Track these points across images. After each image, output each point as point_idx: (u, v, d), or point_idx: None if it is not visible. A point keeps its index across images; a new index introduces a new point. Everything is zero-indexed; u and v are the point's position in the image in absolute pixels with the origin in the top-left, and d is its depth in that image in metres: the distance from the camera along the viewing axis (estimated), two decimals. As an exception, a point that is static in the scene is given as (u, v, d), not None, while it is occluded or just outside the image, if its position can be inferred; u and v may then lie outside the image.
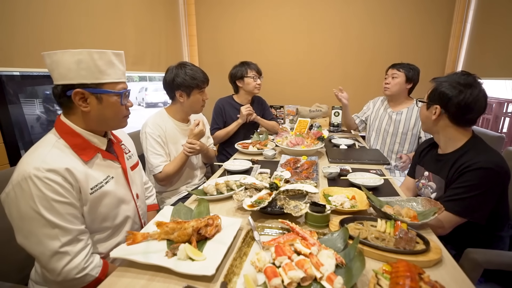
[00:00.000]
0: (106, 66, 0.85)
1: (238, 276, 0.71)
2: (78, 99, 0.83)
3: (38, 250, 0.77)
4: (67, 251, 0.78)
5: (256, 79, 2.17)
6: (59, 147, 0.83)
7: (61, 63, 0.81)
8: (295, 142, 1.78)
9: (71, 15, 1.68)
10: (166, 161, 1.52)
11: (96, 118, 0.88)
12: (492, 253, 0.97)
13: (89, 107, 0.85)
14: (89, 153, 0.88)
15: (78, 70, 0.82)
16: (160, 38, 2.68)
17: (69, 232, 0.79)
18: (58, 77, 0.83)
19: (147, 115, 1.64)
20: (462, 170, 1.05)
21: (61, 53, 0.80)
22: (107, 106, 0.88)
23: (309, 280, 0.67)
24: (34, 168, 0.74)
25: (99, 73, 0.84)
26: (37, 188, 0.74)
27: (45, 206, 0.75)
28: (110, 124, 0.94)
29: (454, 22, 2.63)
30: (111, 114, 0.90)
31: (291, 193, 1.09)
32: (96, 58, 0.83)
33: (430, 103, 1.16)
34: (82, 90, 0.83)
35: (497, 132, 3.31)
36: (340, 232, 0.83)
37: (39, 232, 0.76)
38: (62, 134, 0.85)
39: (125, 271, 0.75)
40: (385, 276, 0.66)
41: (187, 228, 0.83)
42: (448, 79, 1.12)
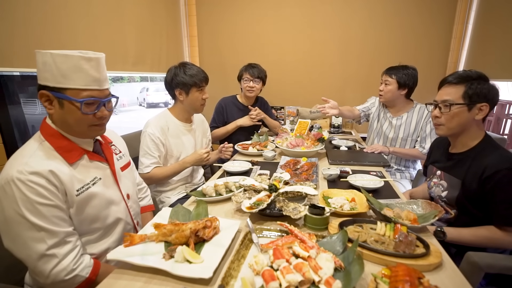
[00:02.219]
0: (71, 71, 0.80)
1: (235, 279, 0.71)
2: (44, 100, 0.82)
3: (24, 253, 0.77)
4: (54, 254, 0.77)
5: (249, 81, 2.15)
6: (43, 150, 0.82)
7: (37, 63, 0.81)
8: (295, 143, 1.78)
9: (71, 15, 1.68)
10: (156, 163, 1.50)
11: (59, 122, 0.86)
12: (494, 257, 0.96)
13: (53, 110, 0.84)
14: (74, 155, 0.87)
15: (43, 71, 0.80)
16: (161, 38, 2.68)
17: (56, 235, 0.78)
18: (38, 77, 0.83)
19: (148, 116, 1.65)
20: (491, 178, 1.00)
21: (38, 54, 0.80)
22: (67, 112, 0.83)
23: (307, 283, 0.66)
24: (17, 171, 0.74)
25: (61, 77, 0.79)
26: (20, 192, 0.73)
27: (29, 209, 0.74)
28: (76, 131, 0.88)
29: (456, 23, 2.62)
30: (72, 121, 0.84)
31: (290, 195, 1.08)
32: (58, 61, 0.78)
33: (472, 104, 1.07)
34: (47, 92, 0.81)
35: (499, 134, 3.30)
36: (339, 235, 0.83)
37: (25, 236, 0.75)
38: (46, 137, 0.84)
39: (122, 273, 0.74)
40: (384, 280, 0.65)
41: (185, 230, 0.83)
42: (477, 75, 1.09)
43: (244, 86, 2.17)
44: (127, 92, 12.70)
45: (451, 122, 1.12)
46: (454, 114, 1.10)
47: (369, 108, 2.22)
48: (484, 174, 1.02)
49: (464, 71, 1.12)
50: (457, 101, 1.09)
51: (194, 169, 1.73)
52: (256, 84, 2.16)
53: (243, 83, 2.18)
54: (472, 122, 1.10)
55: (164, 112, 1.64)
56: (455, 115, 1.10)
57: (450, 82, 1.13)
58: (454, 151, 1.20)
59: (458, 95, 1.09)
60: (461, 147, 1.16)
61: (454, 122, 1.11)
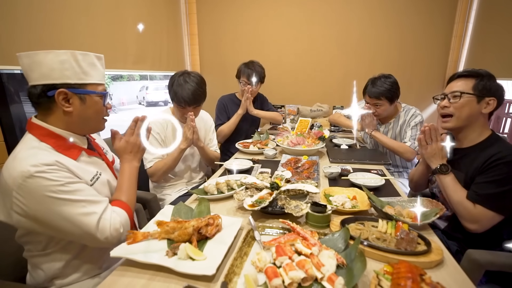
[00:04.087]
0: (89, 68, 0.87)
1: (238, 276, 0.71)
2: (61, 99, 0.83)
3: (81, 231, 0.80)
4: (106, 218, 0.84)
5: (245, 85, 2.14)
6: (43, 149, 0.82)
7: (43, 63, 0.80)
8: (296, 141, 1.78)
9: (72, 13, 1.68)
10: (159, 158, 1.52)
11: (77, 119, 0.88)
12: (494, 254, 0.96)
13: (72, 108, 0.85)
14: (74, 152, 0.88)
15: (62, 70, 0.82)
16: (161, 37, 2.68)
17: (99, 203, 0.84)
18: (38, 77, 0.81)
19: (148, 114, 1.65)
20: (492, 163, 1.03)
21: (44, 53, 0.80)
22: (90, 106, 0.88)
23: (310, 280, 0.66)
24: (31, 165, 0.74)
25: (82, 73, 0.85)
26: (47, 179, 0.75)
27: (63, 190, 0.77)
28: (91, 125, 0.94)
29: (456, 22, 2.62)
30: (93, 114, 0.91)
31: (292, 193, 1.08)
32: (80, 59, 0.84)
33: (481, 96, 1.09)
34: (66, 90, 0.82)
35: (499, 132, 3.31)
36: (341, 232, 0.83)
37: (74, 215, 0.78)
38: (41, 137, 0.83)
39: (126, 270, 0.74)
40: (386, 277, 0.65)
41: (188, 227, 0.83)
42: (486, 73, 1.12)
43: (242, 88, 2.17)
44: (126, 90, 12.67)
45: (461, 112, 1.12)
46: (464, 103, 1.12)
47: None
48: (488, 161, 1.04)
49: (474, 69, 1.15)
50: (468, 91, 1.11)
51: (195, 166, 1.73)
52: (253, 87, 2.15)
53: (240, 84, 2.18)
54: (479, 115, 1.12)
55: (165, 110, 1.65)
56: (465, 104, 1.11)
57: (460, 76, 1.16)
58: (459, 146, 1.21)
59: (469, 87, 1.11)
60: (468, 142, 1.17)
61: (464, 113, 1.12)
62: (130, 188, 1.00)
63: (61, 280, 0.89)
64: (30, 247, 0.88)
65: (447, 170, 1.12)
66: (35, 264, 0.89)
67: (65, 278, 0.90)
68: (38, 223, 0.78)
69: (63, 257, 0.88)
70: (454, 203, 1.09)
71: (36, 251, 0.87)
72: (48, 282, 0.89)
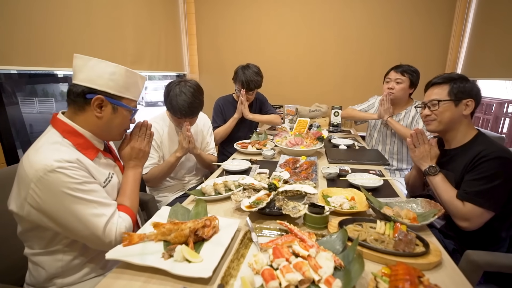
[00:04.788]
0: (131, 85, 0.95)
1: (235, 278, 0.70)
2: (96, 104, 0.89)
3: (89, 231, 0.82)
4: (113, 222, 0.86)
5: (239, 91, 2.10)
6: (65, 145, 0.85)
7: (94, 69, 0.88)
8: (294, 142, 1.77)
9: (70, 13, 1.67)
10: (155, 163, 1.51)
11: (104, 125, 0.93)
12: (493, 255, 0.96)
13: (102, 114, 0.91)
14: (92, 152, 0.92)
15: (108, 80, 0.89)
16: (160, 36, 2.67)
17: (109, 206, 0.87)
18: (84, 78, 0.87)
19: (147, 114, 1.64)
20: (478, 160, 1.06)
21: (97, 61, 0.88)
22: (118, 117, 0.95)
23: (307, 283, 0.66)
24: (54, 160, 0.77)
25: (124, 88, 0.93)
26: (67, 176, 0.78)
27: (80, 189, 0.80)
28: (112, 133, 0.98)
29: (455, 22, 2.62)
30: (119, 125, 0.97)
31: (290, 194, 1.08)
32: (128, 75, 0.93)
33: (458, 100, 1.14)
34: (103, 98, 0.89)
35: (497, 132, 3.31)
36: (339, 233, 0.83)
37: (85, 214, 0.81)
38: (64, 134, 0.87)
39: (121, 272, 0.74)
40: (384, 279, 0.65)
41: (184, 229, 0.82)
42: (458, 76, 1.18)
43: (235, 96, 2.16)
44: (125, 90, 12.63)
45: (442, 116, 1.18)
46: (443, 110, 1.17)
47: (368, 109, 2.23)
48: (474, 159, 1.07)
49: (447, 74, 1.21)
50: (444, 98, 1.17)
51: (192, 167, 1.72)
52: (248, 95, 2.12)
53: (236, 89, 2.16)
54: (462, 118, 1.16)
55: (161, 115, 1.63)
56: (444, 110, 1.17)
57: (434, 84, 1.22)
58: (448, 147, 1.24)
59: (444, 93, 1.17)
60: (455, 143, 1.20)
61: (445, 117, 1.17)
62: (133, 193, 1.02)
63: (62, 280, 0.89)
64: (31, 243, 0.88)
65: (436, 171, 1.17)
66: (36, 262, 0.88)
67: (66, 277, 0.89)
68: (48, 217, 0.80)
69: (66, 256, 0.88)
70: (445, 202, 1.11)
71: (38, 249, 0.87)
72: (49, 282, 0.88)
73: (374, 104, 2.20)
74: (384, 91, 1.97)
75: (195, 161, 1.73)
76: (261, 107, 2.37)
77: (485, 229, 1.05)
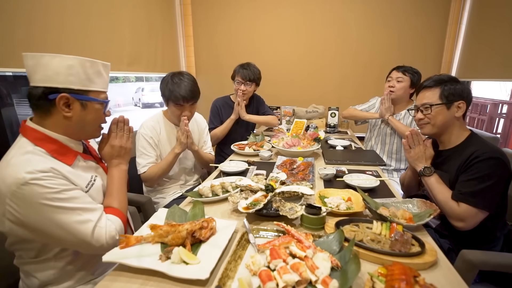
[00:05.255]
0: (94, 75, 0.87)
1: (232, 280, 0.71)
2: (62, 103, 0.82)
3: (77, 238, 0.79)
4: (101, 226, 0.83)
5: (240, 84, 2.14)
6: (37, 154, 0.80)
7: (49, 66, 0.80)
8: (291, 143, 1.78)
9: (67, 15, 1.67)
10: (153, 162, 1.52)
11: (76, 124, 0.87)
12: (487, 254, 0.97)
13: (71, 113, 0.84)
14: (69, 157, 0.87)
15: (67, 75, 0.81)
16: (157, 38, 2.67)
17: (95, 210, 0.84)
18: (41, 78, 0.80)
19: (143, 116, 1.64)
20: (472, 161, 1.07)
21: (51, 57, 0.80)
22: (89, 112, 0.88)
23: (304, 283, 0.66)
24: (26, 172, 0.72)
25: (87, 80, 0.86)
26: (42, 186, 0.74)
27: (59, 198, 0.76)
28: (88, 131, 0.93)
29: (450, 24, 2.65)
30: (92, 121, 0.90)
31: (287, 195, 1.08)
32: (87, 66, 0.85)
33: (449, 103, 1.15)
34: (68, 95, 0.82)
35: (492, 133, 3.35)
36: (336, 234, 0.83)
37: (69, 223, 0.78)
38: (36, 141, 0.81)
39: (118, 275, 0.73)
40: (380, 279, 0.65)
41: (182, 231, 0.82)
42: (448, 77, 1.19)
43: (236, 88, 2.17)
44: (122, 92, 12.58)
45: (435, 120, 1.19)
46: (436, 114, 1.18)
47: (369, 109, 2.24)
48: (468, 159, 1.09)
49: (437, 76, 1.22)
50: (436, 102, 1.17)
51: (189, 169, 1.72)
52: (247, 87, 2.14)
53: (235, 84, 2.18)
54: (454, 120, 1.17)
55: (157, 114, 1.63)
56: (437, 114, 1.18)
57: (426, 87, 1.22)
58: (442, 148, 1.26)
59: (436, 97, 1.18)
60: (449, 145, 1.22)
61: (438, 120, 1.18)
62: (120, 193, 0.98)
63: (56, 287, 0.88)
64: (21, 253, 0.86)
65: (431, 172, 1.18)
66: (27, 272, 0.87)
67: (60, 284, 0.88)
68: (31, 230, 0.77)
69: (57, 264, 0.86)
70: (440, 203, 1.11)
71: (28, 258, 0.86)
72: None
73: (374, 104, 2.22)
74: (385, 90, 2.00)
75: (192, 162, 1.73)
76: (258, 108, 2.38)
77: (479, 229, 1.07)
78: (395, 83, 1.96)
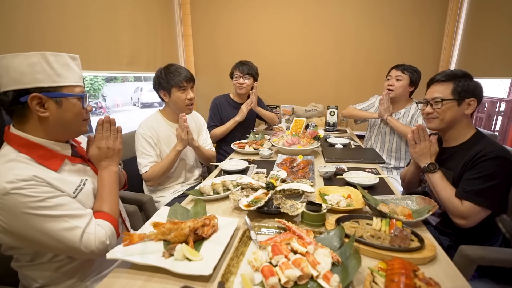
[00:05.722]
0: (63, 69, 0.83)
1: (235, 275, 0.72)
2: (35, 104, 0.78)
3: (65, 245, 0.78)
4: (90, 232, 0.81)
5: (238, 78, 2.16)
6: (21, 161, 0.77)
7: (11, 68, 0.76)
8: (291, 141, 1.79)
9: (65, 15, 1.67)
10: (154, 161, 1.53)
11: (55, 124, 0.84)
12: (486, 250, 0.99)
13: (48, 112, 0.81)
14: (55, 162, 0.84)
15: (32, 73, 0.77)
16: (156, 38, 2.67)
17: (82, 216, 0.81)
18: (8, 82, 0.77)
19: (142, 115, 1.65)
20: (478, 159, 1.06)
21: (12, 57, 0.76)
22: (67, 109, 0.84)
23: (305, 278, 0.67)
24: (6, 182, 0.70)
25: (56, 76, 0.81)
26: (25, 196, 0.71)
27: (43, 206, 0.74)
28: (71, 129, 0.90)
29: (448, 22, 2.66)
30: (72, 117, 0.86)
31: (288, 193, 1.09)
32: (51, 60, 0.80)
33: (461, 99, 1.13)
34: (40, 95, 0.78)
35: (490, 130, 3.37)
36: (336, 230, 0.84)
37: (56, 230, 0.76)
38: (20, 148, 0.79)
39: (122, 272, 0.74)
40: (380, 273, 0.66)
41: (184, 228, 0.83)
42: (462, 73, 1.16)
43: (235, 82, 2.19)
44: (120, 92, 12.56)
45: (444, 115, 1.17)
46: (446, 109, 1.16)
47: (368, 108, 2.26)
48: (474, 158, 1.08)
49: (450, 70, 1.19)
50: (448, 97, 1.15)
51: (190, 167, 1.73)
52: (246, 80, 2.16)
53: (233, 80, 2.20)
54: (462, 117, 1.16)
55: (155, 114, 1.65)
56: (447, 109, 1.16)
57: (438, 81, 1.19)
58: (447, 145, 1.25)
59: (448, 92, 1.15)
60: (454, 142, 1.21)
61: (448, 116, 1.16)
62: (111, 196, 0.95)
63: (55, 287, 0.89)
64: (18, 257, 0.87)
65: (435, 168, 1.17)
66: (24, 275, 0.88)
67: (58, 285, 0.89)
68: (19, 240, 0.76)
69: (52, 267, 0.86)
70: (443, 200, 1.11)
71: (24, 262, 0.86)
72: None
73: (374, 103, 2.23)
74: (384, 88, 2.01)
75: (192, 159, 1.74)
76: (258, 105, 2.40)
77: (479, 226, 1.07)
78: (394, 82, 1.96)
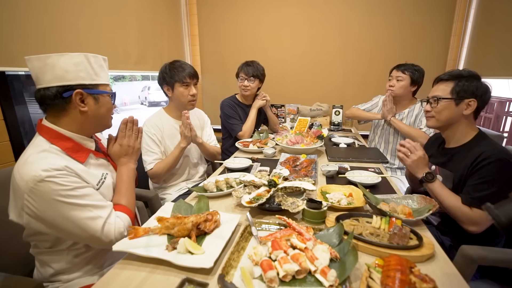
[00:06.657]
0: (99, 69, 0.92)
1: (235, 269, 0.74)
2: (78, 99, 0.87)
3: (87, 234, 0.84)
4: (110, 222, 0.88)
5: (243, 80, 2.14)
6: (53, 152, 0.84)
7: (57, 66, 0.83)
8: (295, 140, 1.80)
9: (74, 15, 1.71)
10: (159, 158, 1.57)
11: (92, 118, 0.92)
12: (486, 250, 0.98)
13: (87, 107, 0.90)
14: (82, 154, 0.91)
15: (76, 71, 0.86)
16: (162, 37, 2.71)
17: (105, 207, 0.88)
18: (52, 79, 0.84)
19: (149, 114, 1.69)
20: (479, 163, 1.06)
21: (57, 56, 0.83)
22: (102, 105, 0.94)
23: (303, 273, 0.69)
24: (42, 170, 0.77)
25: (95, 75, 0.90)
26: (57, 184, 0.78)
27: (72, 195, 0.81)
28: (103, 123, 0.99)
29: (455, 21, 2.63)
30: (105, 112, 0.96)
31: (289, 190, 1.11)
32: (92, 61, 0.89)
33: (459, 99, 1.13)
34: (82, 91, 0.87)
35: (499, 131, 3.31)
36: (336, 227, 0.86)
37: (81, 219, 0.82)
38: (52, 140, 0.86)
39: (127, 263, 0.77)
40: (377, 269, 0.68)
41: (187, 223, 0.86)
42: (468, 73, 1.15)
43: (240, 84, 2.19)
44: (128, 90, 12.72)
45: (440, 114, 1.18)
46: (442, 108, 1.17)
47: (372, 108, 2.25)
48: (475, 161, 1.07)
49: (458, 70, 1.18)
50: (445, 96, 1.16)
51: (194, 164, 1.76)
52: (250, 83, 2.14)
53: (239, 81, 2.20)
54: (461, 117, 1.15)
55: (159, 111, 1.69)
56: (443, 108, 1.16)
57: (441, 80, 1.20)
58: (447, 146, 1.25)
59: (447, 91, 1.16)
60: (454, 143, 1.21)
61: (443, 115, 1.17)
62: (128, 191, 1.02)
63: (68, 276, 0.93)
64: (37, 244, 0.92)
65: (433, 177, 1.15)
66: (42, 261, 0.93)
67: (70, 274, 0.93)
68: (46, 225, 0.82)
69: (70, 255, 0.92)
70: (449, 208, 1.10)
71: (43, 248, 0.91)
72: (55, 277, 0.93)
73: (378, 103, 2.23)
74: (386, 89, 2.01)
75: (196, 156, 1.77)
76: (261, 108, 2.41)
77: None
78: (395, 82, 1.96)
